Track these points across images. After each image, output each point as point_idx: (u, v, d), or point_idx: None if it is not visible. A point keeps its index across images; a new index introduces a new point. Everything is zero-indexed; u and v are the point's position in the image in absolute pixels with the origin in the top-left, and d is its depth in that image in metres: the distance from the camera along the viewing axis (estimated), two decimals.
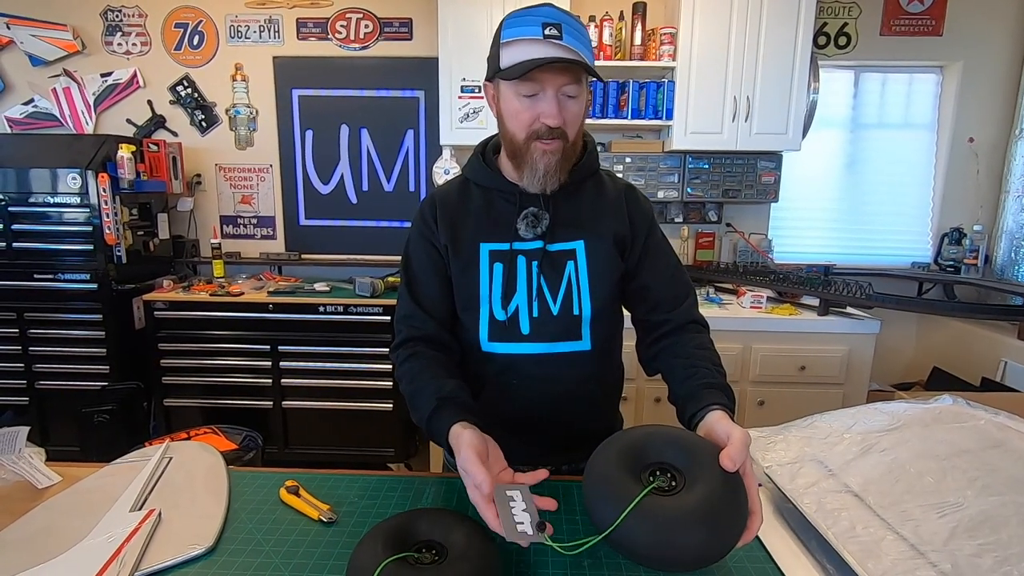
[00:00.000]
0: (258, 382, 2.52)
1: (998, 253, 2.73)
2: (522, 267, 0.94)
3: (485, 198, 0.96)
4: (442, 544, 0.69)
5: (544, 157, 0.88)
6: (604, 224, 0.96)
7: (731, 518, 0.64)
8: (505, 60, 0.85)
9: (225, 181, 2.98)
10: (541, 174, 0.89)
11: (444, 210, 0.96)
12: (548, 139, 0.86)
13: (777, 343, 2.22)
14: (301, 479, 0.94)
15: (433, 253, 0.96)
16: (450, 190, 0.99)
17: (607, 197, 0.99)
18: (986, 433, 0.89)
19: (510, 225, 0.94)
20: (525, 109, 0.86)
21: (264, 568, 0.74)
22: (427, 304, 0.96)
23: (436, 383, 0.85)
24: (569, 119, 0.87)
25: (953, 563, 0.64)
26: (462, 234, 0.95)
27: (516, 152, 0.90)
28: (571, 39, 0.82)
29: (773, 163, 2.71)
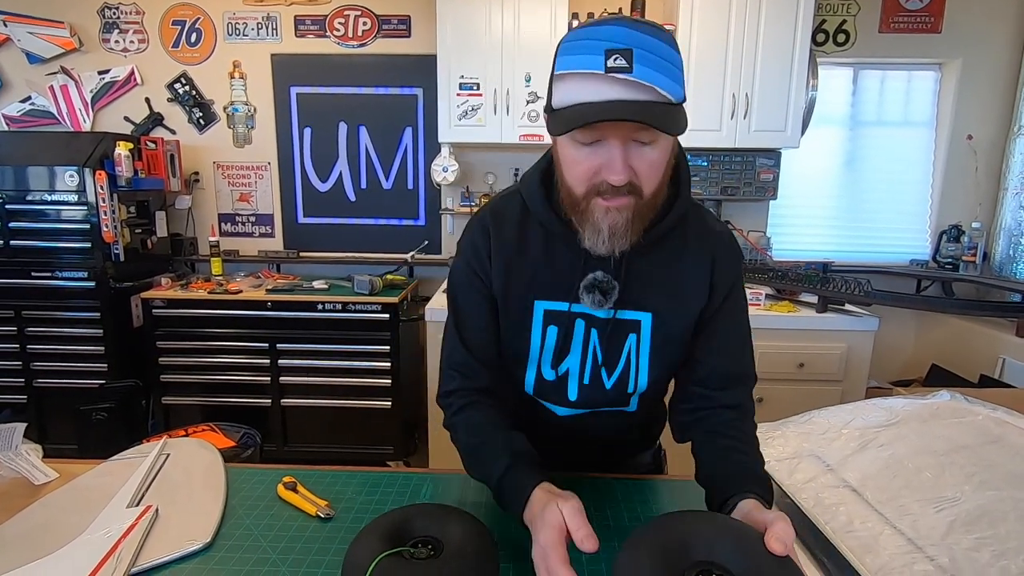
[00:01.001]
0: (257, 380, 2.52)
1: (996, 250, 2.74)
2: (579, 331, 0.82)
3: (546, 242, 0.80)
4: (438, 540, 0.68)
5: (608, 216, 0.69)
6: (681, 296, 0.80)
7: None
8: (557, 98, 0.67)
9: (223, 179, 2.97)
10: (606, 236, 0.71)
11: (500, 247, 0.81)
12: (613, 196, 0.68)
13: (775, 340, 2.22)
14: (299, 475, 0.94)
15: (484, 290, 0.83)
16: (507, 219, 0.82)
17: (691, 257, 0.80)
18: (984, 429, 0.89)
19: (572, 284, 0.79)
20: (583, 159, 0.68)
21: (261, 564, 0.74)
22: (479, 350, 0.84)
23: (504, 435, 0.75)
24: (643, 171, 0.67)
25: (951, 557, 0.64)
26: (516, 285, 0.81)
27: (574, 206, 0.72)
28: (645, 68, 0.61)
29: (772, 160, 2.71)
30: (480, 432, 0.77)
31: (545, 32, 2.45)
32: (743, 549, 0.55)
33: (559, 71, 0.66)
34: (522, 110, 2.52)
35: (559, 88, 0.67)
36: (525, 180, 0.83)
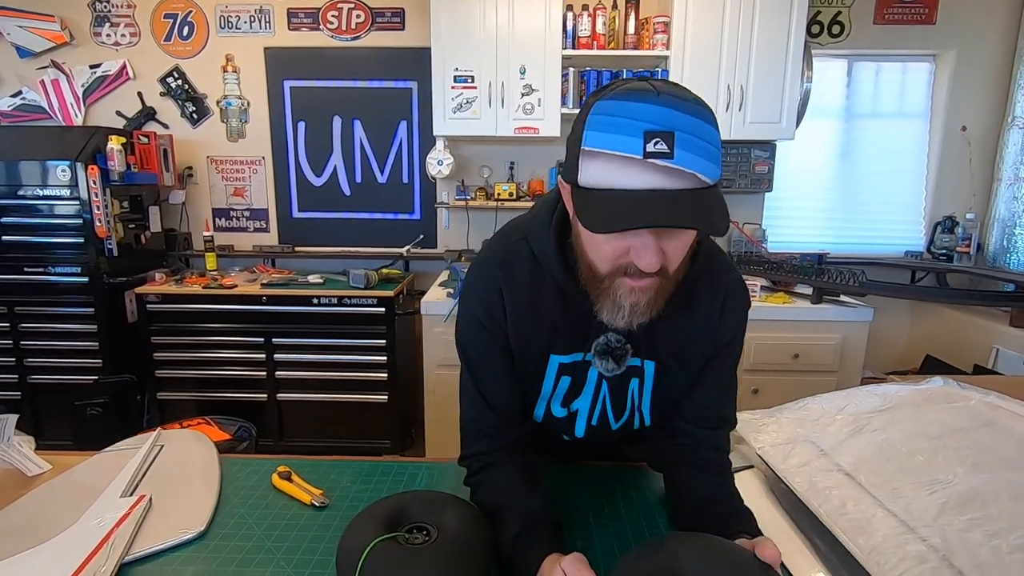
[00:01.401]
0: (252, 375, 2.51)
1: (990, 241, 2.75)
2: (592, 379, 0.81)
3: (561, 300, 0.77)
4: (433, 526, 0.68)
5: (631, 295, 0.66)
6: (687, 347, 0.79)
7: None
8: (586, 175, 0.60)
9: (217, 173, 2.95)
10: (626, 313, 0.67)
11: (514, 307, 0.78)
12: (640, 278, 0.64)
13: (771, 331, 2.23)
14: (294, 465, 0.94)
15: (502, 346, 0.80)
16: (518, 276, 0.78)
17: (701, 314, 0.78)
18: (977, 412, 0.90)
19: (586, 338, 0.78)
20: (609, 241, 0.63)
21: (255, 552, 0.74)
22: (504, 407, 0.81)
23: (520, 500, 0.74)
24: (673, 255, 0.64)
25: (943, 538, 0.64)
26: (532, 343, 0.79)
27: (595, 281, 0.68)
28: (687, 153, 0.56)
29: (767, 152, 2.71)
30: (498, 496, 0.75)
31: (539, 24, 2.44)
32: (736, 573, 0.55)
33: (588, 146, 0.59)
34: (517, 103, 2.51)
35: (589, 165, 0.60)
36: (535, 234, 0.77)
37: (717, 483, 0.77)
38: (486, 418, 0.81)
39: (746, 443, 0.97)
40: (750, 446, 0.94)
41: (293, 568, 0.71)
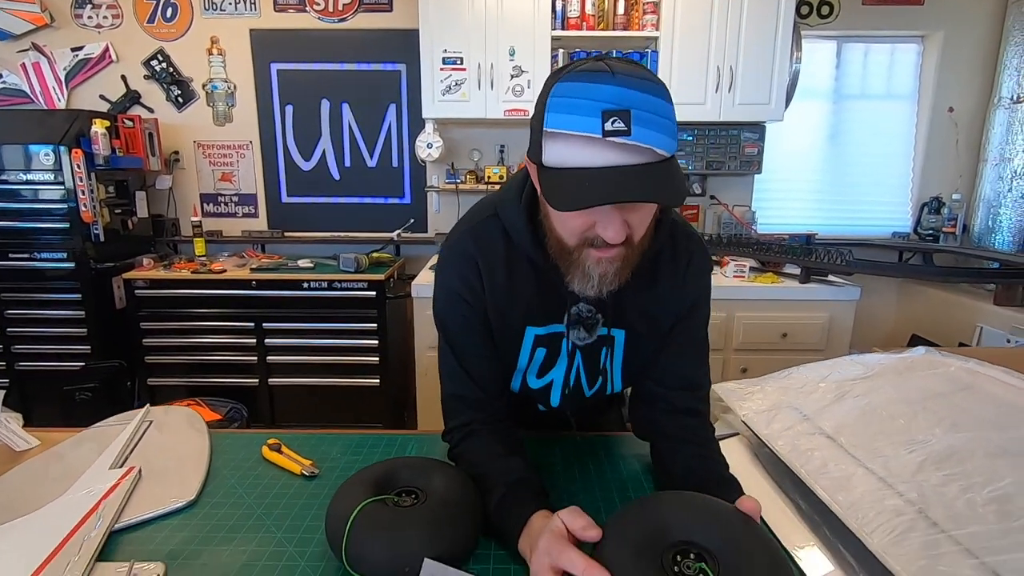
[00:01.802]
0: (243, 360, 2.51)
1: (976, 221, 2.78)
2: (565, 350, 0.84)
3: (535, 274, 0.79)
4: (422, 490, 0.69)
5: (599, 266, 0.69)
6: (655, 315, 0.83)
7: None
8: (548, 157, 0.63)
9: (204, 158, 2.92)
10: (595, 282, 0.70)
11: (491, 281, 0.80)
12: (606, 248, 0.67)
13: (759, 311, 2.25)
14: (284, 438, 0.94)
15: (481, 320, 0.82)
16: (493, 251, 0.80)
17: (665, 281, 0.82)
18: (956, 378, 0.92)
19: (561, 311, 0.81)
20: (576, 215, 0.65)
21: (246, 518, 0.75)
22: (486, 381, 0.83)
23: (502, 463, 0.74)
24: (637, 226, 0.67)
25: (919, 492, 0.66)
26: (510, 316, 0.81)
27: (564, 254, 0.71)
28: (643, 129, 0.58)
29: (756, 134, 2.71)
30: (480, 463, 0.76)
31: (528, 5, 2.42)
32: (718, 525, 0.56)
33: (550, 128, 0.61)
34: (506, 84, 2.50)
35: (551, 146, 0.62)
36: (506, 210, 0.79)
37: (700, 454, 0.78)
38: (467, 391, 0.83)
39: (732, 412, 0.98)
40: (735, 414, 0.96)
41: (283, 533, 0.72)
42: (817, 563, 0.65)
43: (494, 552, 0.69)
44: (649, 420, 0.86)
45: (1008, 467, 0.67)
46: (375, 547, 0.61)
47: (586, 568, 0.53)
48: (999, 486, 0.64)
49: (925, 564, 0.55)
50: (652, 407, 0.85)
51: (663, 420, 0.83)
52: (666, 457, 0.81)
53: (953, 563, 0.55)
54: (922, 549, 0.57)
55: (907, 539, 0.59)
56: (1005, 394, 0.85)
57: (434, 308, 0.85)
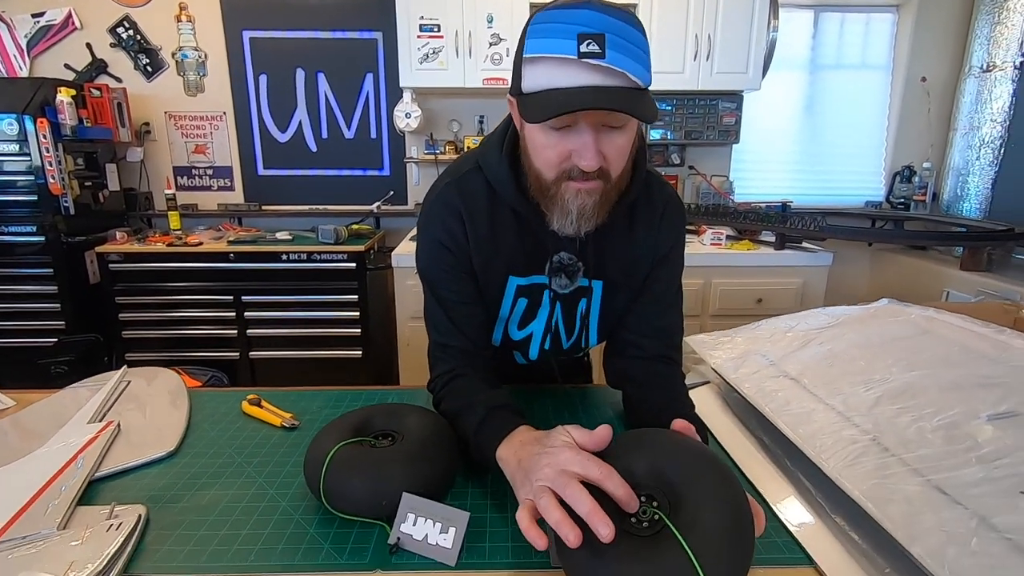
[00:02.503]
0: (223, 333, 2.49)
1: (945, 189, 2.84)
2: (546, 302, 0.86)
3: (518, 225, 0.81)
4: (398, 432, 0.71)
5: (578, 198, 0.71)
6: (631, 265, 0.85)
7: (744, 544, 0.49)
8: (527, 82, 0.65)
9: (176, 130, 2.85)
10: (574, 217, 0.72)
11: (475, 230, 0.80)
12: (583, 180, 0.69)
13: (736, 277, 2.29)
14: (264, 395, 0.95)
15: (466, 268, 0.83)
16: (476, 201, 0.80)
17: (642, 227, 0.84)
18: (915, 324, 0.96)
19: (543, 261, 0.83)
20: (553, 145, 0.68)
21: (227, 466, 0.76)
22: (464, 326, 0.83)
23: (484, 395, 0.74)
24: (612, 157, 0.68)
25: (874, 423, 0.69)
26: (493, 265, 0.83)
27: (543, 190, 0.73)
28: (617, 54, 0.60)
29: (734, 104, 2.73)
30: (462, 397, 0.76)
31: None
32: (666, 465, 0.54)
33: (529, 54, 0.64)
34: (485, 52, 2.47)
35: (529, 72, 0.65)
36: (488, 160, 0.80)
37: (668, 398, 0.79)
38: (453, 340, 0.84)
39: (704, 363, 1.01)
40: (707, 364, 0.99)
41: (264, 478, 0.73)
42: (779, 491, 0.69)
43: (471, 489, 0.71)
44: (621, 368, 0.88)
45: (957, 399, 0.71)
46: (353, 484, 0.63)
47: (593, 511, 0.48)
48: (948, 415, 0.68)
49: (875, 483, 0.59)
50: (624, 355, 0.88)
51: (634, 367, 0.86)
52: (635, 402, 0.84)
53: (901, 481, 0.58)
54: (873, 471, 0.61)
55: (860, 463, 0.62)
56: (960, 336, 0.89)
57: (418, 262, 0.86)
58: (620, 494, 0.50)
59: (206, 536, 0.62)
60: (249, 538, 0.62)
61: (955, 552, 0.48)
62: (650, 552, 0.47)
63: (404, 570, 0.57)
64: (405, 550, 0.60)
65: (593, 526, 0.48)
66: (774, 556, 0.59)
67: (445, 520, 0.60)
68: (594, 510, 0.48)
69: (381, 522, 0.63)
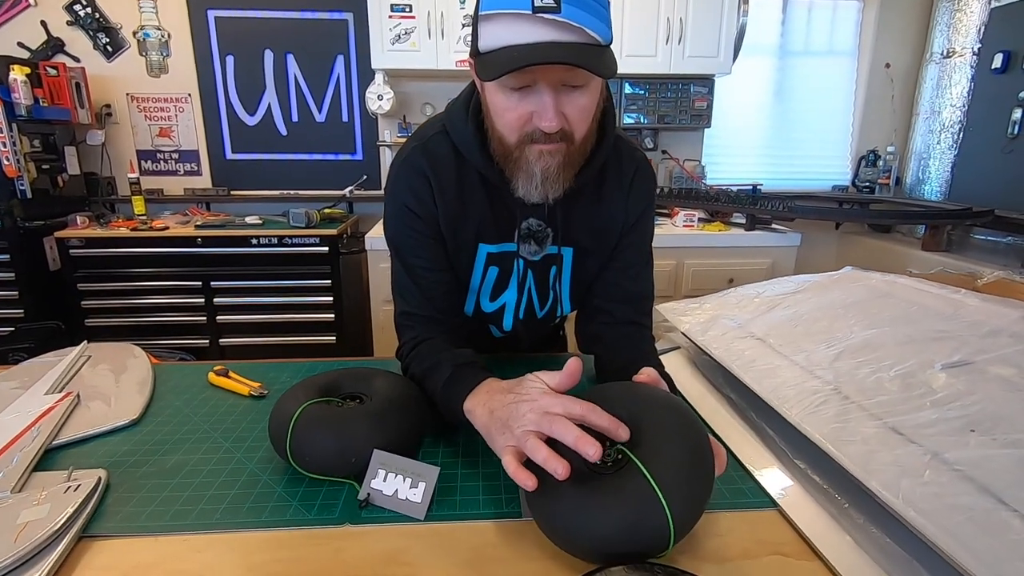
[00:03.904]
0: (192, 320, 2.43)
1: (908, 173, 2.93)
2: (517, 271, 0.85)
3: (486, 191, 0.79)
4: (365, 394, 0.70)
5: (541, 160, 0.69)
6: (602, 230, 0.84)
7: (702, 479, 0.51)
8: (483, 41, 0.64)
9: (139, 112, 2.76)
10: (539, 181, 0.71)
11: (442, 193, 0.78)
12: (546, 142, 0.67)
13: (707, 258, 2.33)
14: (231, 366, 0.93)
15: (434, 234, 0.81)
16: (443, 164, 0.78)
17: (611, 191, 0.83)
18: (876, 288, 0.98)
19: (512, 228, 0.81)
20: (512, 107, 0.66)
21: (192, 433, 0.74)
22: (432, 293, 0.82)
23: (450, 353, 0.73)
24: (574, 117, 0.67)
25: (835, 375, 0.71)
26: (462, 231, 0.81)
27: (506, 154, 0.71)
28: (574, 8, 0.59)
29: (706, 88, 2.76)
30: (429, 358, 0.75)
31: None
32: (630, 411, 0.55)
33: (484, 11, 0.62)
34: (457, 34, 2.45)
35: (485, 30, 0.63)
36: (454, 123, 0.78)
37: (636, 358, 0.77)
38: (421, 308, 0.83)
39: (675, 330, 1.03)
40: (677, 331, 1.00)
41: (231, 443, 0.72)
42: (744, 443, 0.70)
43: (442, 448, 0.71)
44: (592, 333, 0.89)
45: (913, 352, 0.74)
46: (320, 443, 0.62)
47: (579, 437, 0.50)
48: (904, 366, 0.70)
49: (835, 427, 0.60)
50: (594, 321, 0.88)
51: (605, 332, 0.86)
52: (604, 362, 0.85)
53: (859, 424, 0.60)
54: (833, 417, 0.62)
55: (821, 410, 0.64)
56: (917, 297, 0.92)
57: (386, 229, 0.85)
58: (605, 424, 0.52)
59: (170, 498, 0.61)
60: (214, 499, 0.61)
61: (908, 484, 0.50)
62: (614, 484, 0.50)
63: (373, 523, 0.57)
64: (375, 505, 0.59)
65: (582, 450, 0.50)
66: (741, 500, 0.60)
67: (415, 475, 0.60)
68: (581, 435, 0.50)
69: (350, 481, 0.63)
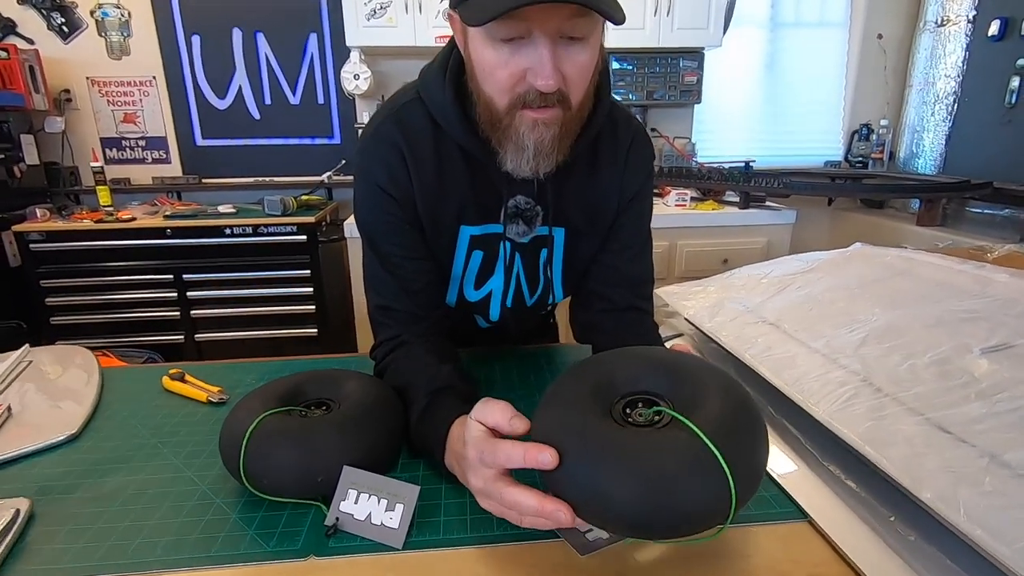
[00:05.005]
0: (165, 315, 2.32)
1: (901, 147, 2.86)
2: (504, 255, 0.76)
3: (467, 166, 0.70)
4: (333, 400, 0.61)
5: (535, 131, 0.60)
6: (596, 209, 0.76)
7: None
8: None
9: (101, 97, 2.61)
10: (531, 155, 0.62)
11: (418, 170, 0.69)
12: (541, 107, 0.59)
13: (701, 238, 2.25)
14: (190, 368, 0.84)
15: (407, 213, 0.72)
16: (418, 136, 0.69)
17: (606, 166, 0.75)
18: (892, 265, 0.91)
19: (497, 208, 0.73)
20: (503, 63, 0.57)
21: (138, 449, 0.65)
22: (409, 284, 0.73)
23: (429, 374, 0.65)
24: (573, 76, 0.58)
25: (863, 364, 0.64)
26: (442, 212, 0.72)
27: (494, 121, 0.62)
28: None
29: (695, 62, 2.66)
30: (404, 374, 0.67)
31: None
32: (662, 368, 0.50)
33: None
34: (436, 8, 2.32)
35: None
36: (430, 89, 0.68)
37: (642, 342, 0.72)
38: (397, 302, 0.74)
39: (676, 315, 0.95)
40: (679, 316, 0.93)
41: (182, 460, 0.63)
42: None
43: (423, 460, 0.63)
44: (589, 322, 0.81)
45: (945, 335, 0.66)
46: (279, 461, 0.54)
47: (526, 453, 0.43)
48: (938, 351, 0.63)
49: (872, 425, 0.53)
50: (591, 309, 0.80)
51: (603, 319, 0.79)
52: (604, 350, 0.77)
53: (898, 421, 0.53)
54: (868, 412, 0.55)
55: (852, 405, 0.57)
56: (938, 274, 0.85)
57: (355, 211, 0.75)
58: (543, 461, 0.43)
59: (104, 530, 0.52)
60: (157, 529, 0.52)
61: (968, 494, 0.43)
62: (656, 440, 0.43)
63: (343, 554, 0.49)
64: (345, 532, 0.51)
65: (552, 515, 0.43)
66: (763, 512, 0.53)
67: (392, 496, 0.52)
68: (540, 501, 0.44)
69: (317, 503, 0.55)
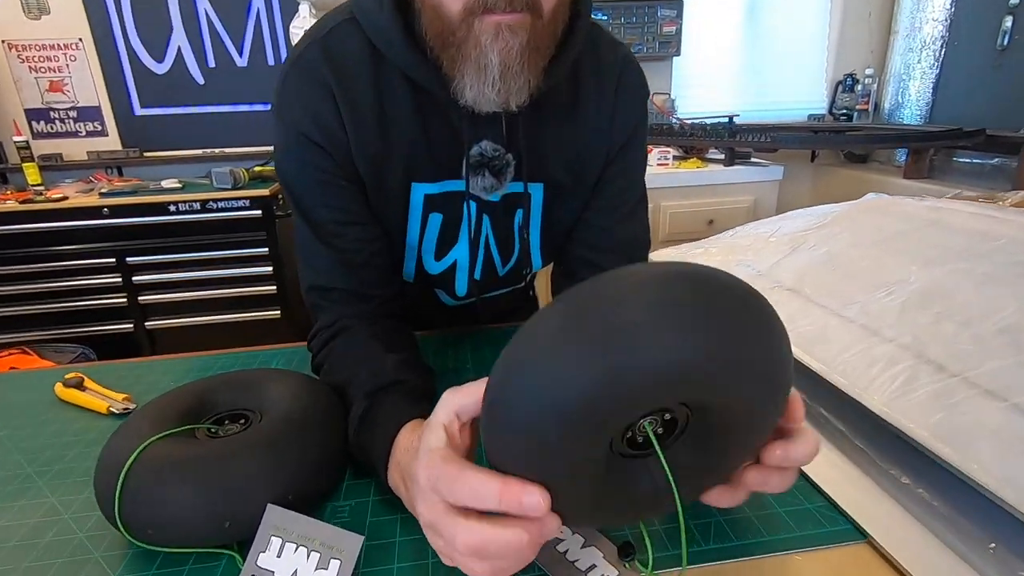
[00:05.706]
0: (109, 303, 2.12)
1: (886, 97, 2.76)
2: (467, 215, 0.62)
3: (417, 103, 0.56)
4: (252, 411, 0.48)
5: (499, 41, 0.46)
6: (579, 158, 0.63)
7: None
8: None
9: (21, 63, 2.34)
10: (496, 74, 0.48)
11: (352, 111, 0.54)
12: (505, 10, 0.45)
13: (685, 199, 2.14)
14: (93, 371, 0.69)
15: (342, 167, 0.57)
16: (351, 69, 0.54)
17: (591, 110, 0.62)
18: (916, 215, 0.79)
19: (456, 158, 0.58)
20: None
21: (7, 482, 0.51)
22: (348, 256, 0.59)
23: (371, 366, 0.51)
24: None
25: (913, 335, 0.52)
26: (385, 166, 0.57)
27: (445, 36, 0.48)
28: None
29: (674, 11, 2.51)
30: (343, 369, 0.54)
31: None
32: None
33: None
34: None
35: None
36: (365, 5, 0.54)
37: None
38: (338, 280, 0.60)
39: None
40: None
41: (60, 496, 0.49)
42: None
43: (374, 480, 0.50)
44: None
45: (1006, 296, 0.55)
46: (171, 503, 0.40)
47: (503, 492, 0.30)
48: (1003, 316, 0.52)
49: (942, 417, 0.41)
50: (577, 278, 0.68)
51: None
52: None
53: (976, 409, 0.41)
54: (934, 399, 0.43)
55: (912, 391, 0.45)
56: (973, 223, 0.73)
57: (278, 167, 0.60)
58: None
59: None
60: None
61: None
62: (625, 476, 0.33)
63: None
64: None
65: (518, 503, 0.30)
66: (809, 532, 0.41)
67: (326, 548, 0.38)
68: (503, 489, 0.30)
69: (229, 551, 0.41)
